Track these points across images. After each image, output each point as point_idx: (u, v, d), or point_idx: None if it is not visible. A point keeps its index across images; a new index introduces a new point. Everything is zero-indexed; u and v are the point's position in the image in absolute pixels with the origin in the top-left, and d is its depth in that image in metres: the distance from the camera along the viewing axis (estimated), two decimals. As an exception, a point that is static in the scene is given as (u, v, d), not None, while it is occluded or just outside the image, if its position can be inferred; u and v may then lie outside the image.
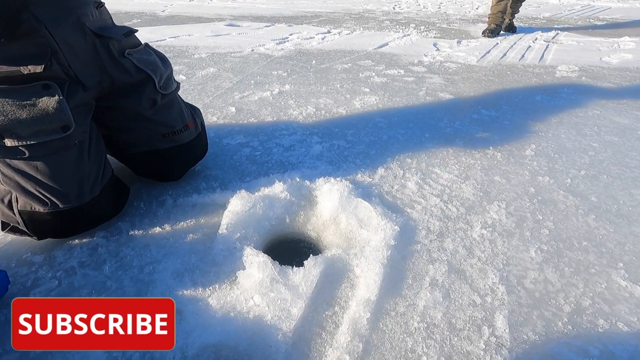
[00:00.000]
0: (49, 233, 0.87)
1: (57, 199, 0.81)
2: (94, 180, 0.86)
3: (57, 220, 0.83)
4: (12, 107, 0.74)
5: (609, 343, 0.71)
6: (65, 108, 0.78)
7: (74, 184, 0.82)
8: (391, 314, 0.75)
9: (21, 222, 0.82)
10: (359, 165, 1.26)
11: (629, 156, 1.39)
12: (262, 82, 2.05)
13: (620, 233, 1.00)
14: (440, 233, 0.97)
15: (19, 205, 0.81)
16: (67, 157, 0.81)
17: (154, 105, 0.98)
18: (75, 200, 0.83)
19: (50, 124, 0.77)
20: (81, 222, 0.88)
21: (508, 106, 1.82)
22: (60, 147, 0.80)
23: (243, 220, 0.94)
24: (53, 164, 0.79)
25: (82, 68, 0.86)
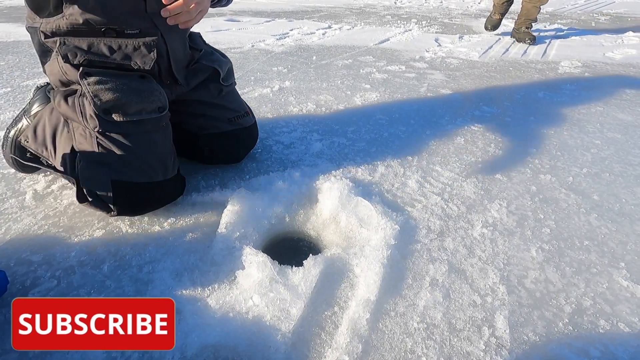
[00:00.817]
0: (132, 206, 0.92)
1: (148, 172, 0.90)
2: (173, 161, 0.97)
3: (144, 192, 0.91)
4: (124, 87, 0.87)
5: (610, 344, 0.71)
6: (163, 92, 0.94)
7: (161, 161, 0.93)
8: (391, 314, 0.75)
9: (111, 193, 0.88)
10: (360, 163, 1.25)
11: (632, 154, 1.38)
12: (262, 78, 2.04)
13: (622, 232, 0.99)
14: (441, 232, 0.96)
15: (113, 175, 0.88)
16: (156, 137, 0.93)
17: (220, 93, 1.13)
18: (162, 175, 0.93)
19: (151, 103, 0.90)
20: (160, 198, 0.96)
21: (510, 103, 1.81)
22: (153, 126, 0.92)
23: (242, 219, 0.93)
24: (146, 141, 0.91)
25: (180, 72, 1.03)
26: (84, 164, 0.88)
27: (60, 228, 0.93)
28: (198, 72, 1.09)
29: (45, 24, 0.89)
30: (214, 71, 1.11)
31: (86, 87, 0.85)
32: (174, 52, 0.99)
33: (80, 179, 0.88)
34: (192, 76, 1.08)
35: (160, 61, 0.96)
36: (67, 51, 0.87)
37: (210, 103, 1.11)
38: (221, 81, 1.12)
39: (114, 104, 0.86)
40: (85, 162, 0.88)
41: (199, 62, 1.10)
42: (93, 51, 0.88)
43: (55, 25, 0.88)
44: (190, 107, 1.10)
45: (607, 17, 4.40)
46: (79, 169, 0.88)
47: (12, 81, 1.82)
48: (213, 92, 1.11)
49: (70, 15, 0.86)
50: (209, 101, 1.11)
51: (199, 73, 1.09)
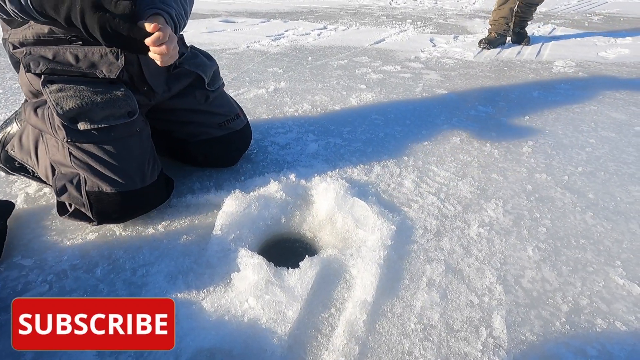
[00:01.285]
0: (111, 215, 0.90)
1: (124, 181, 0.87)
2: (152, 166, 0.93)
3: (122, 202, 0.88)
4: (87, 93, 0.84)
5: (606, 343, 0.71)
6: (131, 96, 0.89)
7: (138, 168, 0.89)
8: (388, 315, 0.74)
9: (87, 203, 0.86)
10: (355, 163, 1.25)
11: (626, 152, 1.38)
12: (257, 79, 2.03)
13: (617, 230, 0.99)
14: (437, 232, 0.96)
15: (87, 186, 0.85)
16: (131, 143, 0.89)
17: (207, 99, 1.09)
18: (139, 183, 0.89)
19: (119, 108, 0.86)
20: (140, 205, 0.93)
21: (505, 102, 1.81)
22: (125, 132, 0.88)
23: (238, 220, 0.93)
24: (120, 148, 0.87)
25: (154, 78, 0.97)
26: (58, 176, 0.86)
27: (52, 231, 0.92)
28: (180, 77, 1.05)
29: (13, 35, 0.86)
30: (198, 77, 1.07)
31: (48, 95, 0.82)
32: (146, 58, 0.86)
33: (55, 191, 0.86)
34: (174, 81, 1.03)
35: (130, 68, 0.91)
36: (30, 60, 0.84)
37: (198, 110, 1.08)
38: (207, 87, 1.08)
39: (78, 111, 0.82)
40: (59, 173, 0.87)
41: (182, 67, 1.05)
42: (57, 60, 0.85)
43: (22, 36, 0.85)
44: (178, 115, 1.07)
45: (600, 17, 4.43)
46: (54, 181, 0.86)
47: (4, 83, 1.80)
48: (199, 99, 1.08)
49: (36, 24, 0.84)
50: (196, 108, 1.08)
51: (181, 78, 1.05)
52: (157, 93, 1.00)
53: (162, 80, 1.02)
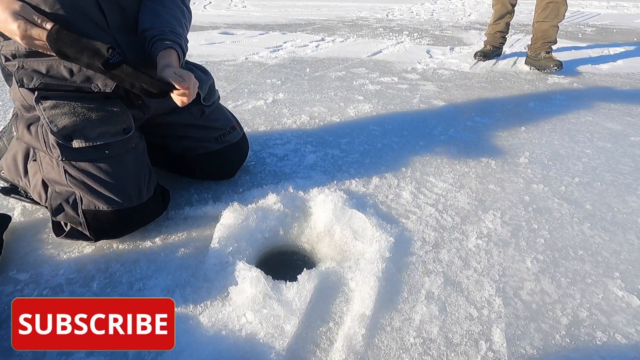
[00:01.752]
0: (109, 232, 0.89)
1: (121, 199, 0.86)
2: (148, 181, 0.93)
3: (119, 219, 0.87)
4: (82, 109, 0.83)
5: (607, 356, 0.70)
6: (127, 112, 0.89)
7: (134, 184, 0.88)
8: (387, 329, 0.74)
9: (84, 222, 0.85)
10: (353, 174, 1.25)
11: (622, 162, 1.39)
12: (255, 90, 2.05)
13: (615, 241, 1.00)
14: (436, 244, 0.96)
15: (83, 205, 0.84)
16: (127, 159, 0.88)
17: (203, 114, 1.09)
18: (136, 199, 0.88)
19: (114, 125, 0.86)
20: (138, 221, 0.92)
21: (501, 113, 1.83)
22: (121, 149, 0.87)
23: (236, 233, 0.92)
24: (116, 165, 0.86)
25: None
26: (53, 195, 0.85)
27: (48, 245, 0.91)
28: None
29: (6, 47, 0.84)
30: None
31: (42, 112, 0.81)
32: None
33: (51, 211, 0.86)
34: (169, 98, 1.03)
35: None
36: (23, 75, 0.82)
37: (194, 125, 1.08)
38: (202, 101, 1.07)
39: (72, 129, 0.81)
40: (55, 192, 0.86)
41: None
42: (51, 74, 0.83)
43: (15, 47, 0.82)
44: (174, 129, 1.07)
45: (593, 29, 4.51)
46: (49, 200, 0.86)
47: (3, 95, 1.81)
48: (195, 114, 1.07)
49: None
50: (192, 123, 1.07)
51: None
52: (151, 107, 0.99)
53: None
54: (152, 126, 1.05)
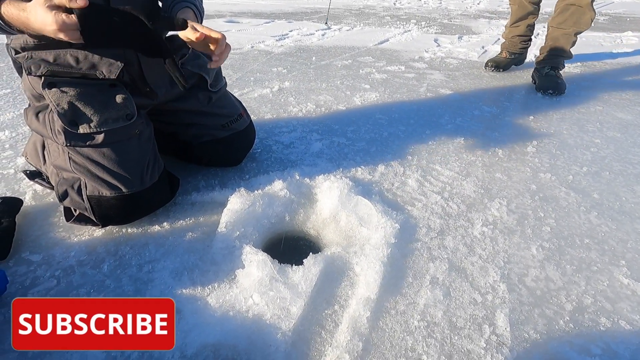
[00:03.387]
0: (114, 218, 0.91)
1: (122, 184, 0.86)
2: (152, 167, 0.93)
3: (122, 205, 0.88)
4: (87, 96, 0.84)
5: (611, 342, 0.71)
6: (130, 99, 0.89)
7: (137, 171, 0.89)
8: (391, 312, 0.74)
9: (88, 208, 0.86)
10: (359, 162, 1.25)
11: (631, 152, 1.38)
12: (261, 79, 2.04)
13: (622, 230, 0.99)
14: (441, 231, 0.96)
15: (87, 190, 0.86)
16: (130, 145, 0.89)
17: (210, 100, 1.09)
18: (139, 185, 0.89)
19: (117, 111, 0.87)
20: (142, 207, 0.93)
21: (509, 102, 1.81)
22: (124, 135, 0.88)
23: (242, 218, 0.93)
24: (119, 151, 0.87)
25: (156, 79, 0.98)
26: (60, 181, 0.87)
27: (59, 228, 0.93)
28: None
29: (15, 40, 0.86)
30: (201, 78, 1.07)
31: (48, 97, 0.83)
32: (145, 58, 0.93)
33: (58, 197, 0.88)
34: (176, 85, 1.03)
35: (131, 69, 0.92)
36: (31, 64, 0.84)
37: (201, 112, 1.09)
38: (210, 87, 1.08)
39: (78, 113, 0.83)
40: (62, 178, 0.87)
41: (184, 68, 1.05)
42: (58, 62, 0.85)
43: (23, 41, 0.85)
44: (181, 117, 1.08)
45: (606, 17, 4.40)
46: (56, 186, 0.87)
47: (12, 82, 1.83)
48: (202, 101, 1.08)
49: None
50: (199, 110, 1.08)
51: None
52: (159, 94, 1.00)
53: (165, 81, 1.02)
54: (160, 114, 1.06)
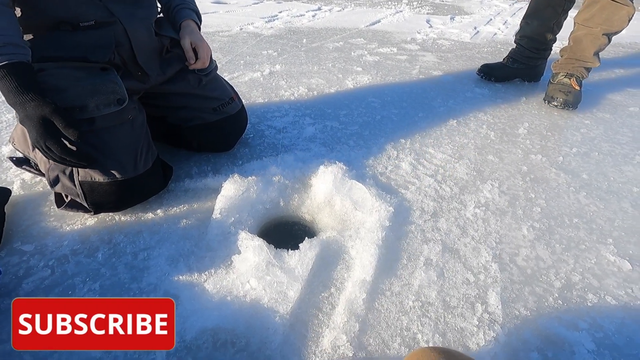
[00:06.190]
0: (107, 205, 0.89)
1: (115, 170, 0.85)
2: (146, 154, 0.92)
3: (115, 191, 0.87)
4: (76, 81, 0.82)
5: (597, 316, 0.74)
6: (120, 84, 0.87)
7: (130, 157, 0.88)
8: (386, 293, 0.76)
9: (81, 194, 0.85)
10: (353, 146, 1.25)
11: (620, 132, 1.40)
12: (251, 62, 2.00)
13: (610, 209, 1.01)
14: (434, 213, 0.97)
15: (79, 176, 0.84)
16: (122, 131, 0.88)
17: (200, 83, 1.08)
18: (132, 172, 0.87)
19: (107, 96, 0.84)
20: (135, 193, 0.92)
21: (501, 84, 1.81)
22: (116, 120, 0.87)
23: (237, 204, 0.93)
24: (111, 137, 0.86)
25: (147, 61, 0.97)
26: (51, 166, 0.85)
27: (50, 217, 0.92)
28: (172, 61, 1.04)
29: None
30: None
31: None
32: (137, 40, 0.93)
33: (49, 182, 0.86)
34: (167, 65, 1.03)
35: (122, 51, 0.91)
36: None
37: (191, 94, 1.07)
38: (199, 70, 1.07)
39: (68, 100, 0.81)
40: (53, 164, 0.85)
41: (173, 51, 1.04)
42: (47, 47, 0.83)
43: None
44: (171, 100, 1.07)
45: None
46: (47, 171, 0.86)
47: None
48: (192, 83, 1.07)
49: (24, 12, 0.82)
50: (189, 92, 1.07)
51: (173, 63, 1.04)
52: (151, 77, 0.98)
53: (156, 63, 1.00)
54: (150, 97, 1.04)
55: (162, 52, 1.03)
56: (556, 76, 1.60)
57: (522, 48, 1.74)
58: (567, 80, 1.55)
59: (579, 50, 1.53)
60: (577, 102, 1.54)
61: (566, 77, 1.56)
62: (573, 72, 1.55)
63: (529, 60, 1.75)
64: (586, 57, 1.53)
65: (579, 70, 1.55)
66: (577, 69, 1.55)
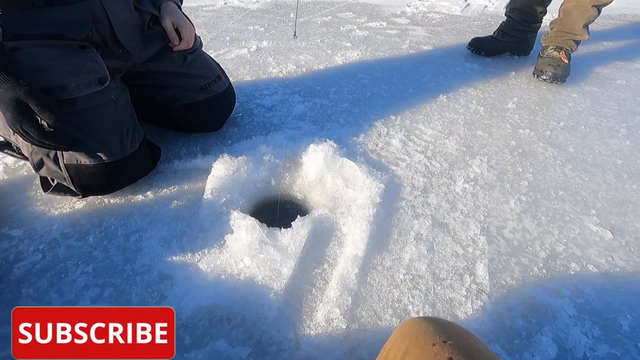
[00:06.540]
0: (95, 188, 0.88)
1: (101, 152, 0.83)
2: (132, 135, 0.90)
3: (102, 173, 0.85)
4: (54, 60, 0.78)
5: (579, 284, 0.77)
6: (101, 62, 0.84)
7: (116, 138, 0.86)
8: (378, 268, 0.78)
9: (67, 177, 0.83)
10: (343, 124, 1.24)
11: (606, 106, 1.41)
12: (238, 38, 1.94)
13: (594, 181, 1.04)
14: (425, 189, 0.98)
15: (64, 159, 0.82)
16: (106, 112, 0.85)
17: (185, 61, 1.05)
18: (119, 153, 0.85)
19: (88, 75, 0.81)
20: (124, 176, 0.90)
21: (491, 58, 1.79)
22: (99, 100, 0.84)
23: (228, 184, 0.93)
24: (94, 117, 0.83)
25: (128, 38, 0.93)
26: (35, 150, 0.82)
27: (37, 202, 0.90)
28: (154, 38, 1.00)
29: None
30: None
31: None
32: (116, 16, 0.89)
33: (33, 166, 0.84)
34: (150, 42, 0.99)
35: (100, 28, 0.87)
36: None
37: (177, 73, 1.04)
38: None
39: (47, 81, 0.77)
40: (35, 147, 0.82)
41: (155, 28, 1.00)
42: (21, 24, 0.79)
43: None
44: (156, 79, 1.03)
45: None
46: (31, 155, 0.83)
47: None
48: (177, 61, 1.04)
49: None
50: (174, 71, 1.04)
51: (155, 40, 1.00)
52: (133, 55, 0.95)
53: (137, 41, 0.96)
54: (134, 76, 1.00)
55: (143, 28, 0.98)
56: (545, 49, 1.60)
57: (512, 21, 1.73)
58: (556, 53, 1.56)
59: (568, 22, 1.54)
60: (565, 76, 1.54)
61: (555, 50, 1.57)
62: (562, 45, 1.56)
63: (519, 34, 1.74)
64: (575, 29, 1.54)
65: (568, 44, 1.56)
66: (566, 42, 1.56)
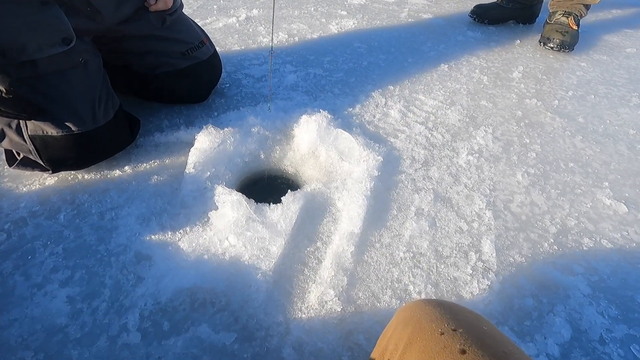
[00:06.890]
0: (65, 162, 0.80)
1: (70, 122, 0.75)
2: (105, 103, 0.82)
3: (72, 146, 0.77)
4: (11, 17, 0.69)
5: (592, 260, 0.71)
6: (65, 20, 0.74)
7: (87, 106, 0.77)
8: (376, 245, 0.72)
9: (33, 150, 0.75)
10: (338, 94, 1.16)
11: (616, 75, 1.34)
12: (226, 6, 1.81)
13: (606, 153, 0.98)
14: (426, 161, 0.91)
15: (28, 130, 0.74)
16: (74, 76, 0.77)
17: (163, 22, 0.95)
18: (91, 123, 0.77)
19: (50, 34, 0.72)
20: (97, 149, 0.82)
21: (494, 26, 1.69)
22: (65, 63, 0.75)
23: (212, 157, 0.85)
24: (61, 82, 0.75)
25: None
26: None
27: (4, 178, 0.82)
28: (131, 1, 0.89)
29: None
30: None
31: None
32: None
33: None
34: (123, 1, 0.88)
35: None
36: None
37: (155, 37, 0.94)
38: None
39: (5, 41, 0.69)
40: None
41: None
42: None
43: None
44: (133, 44, 0.94)
45: None
46: None
47: None
48: (155, 23, 0.93)
49: None
50: (152, 34, 0.94)
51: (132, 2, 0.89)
52: (104, 14, 0.85)
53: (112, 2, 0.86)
54: (109, 41, 0.91)
55: None
56: (553, 15, 1.48)
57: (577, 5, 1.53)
58: (564, 19, 1.45)
59: None
60: (574, 43, 1.44)
61: (564, 16, 1.45)
62: (571, 10, 1.44)
63: (524, 0, 1.62)
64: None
65: (578, 8, 1.45)
66: (575, 6, 1.44)
